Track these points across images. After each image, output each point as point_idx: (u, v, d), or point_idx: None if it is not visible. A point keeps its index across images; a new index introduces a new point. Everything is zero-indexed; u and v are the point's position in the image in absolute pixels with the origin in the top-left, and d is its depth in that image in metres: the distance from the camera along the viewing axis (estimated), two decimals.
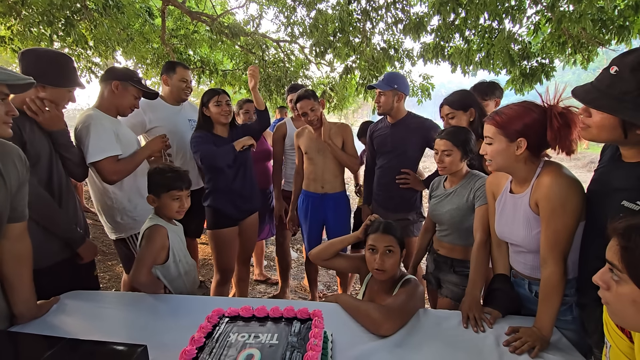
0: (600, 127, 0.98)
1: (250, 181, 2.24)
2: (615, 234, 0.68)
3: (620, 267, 0.65)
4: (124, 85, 1.81)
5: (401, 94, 2.21)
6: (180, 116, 2.43)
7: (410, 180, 2.19)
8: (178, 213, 1.54)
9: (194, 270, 1.65)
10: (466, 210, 1.61)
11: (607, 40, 3.54)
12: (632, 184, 0.98)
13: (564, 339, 1.18)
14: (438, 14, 3.70)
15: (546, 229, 1.15)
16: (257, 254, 3.28)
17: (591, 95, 0.97)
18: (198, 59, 6.44)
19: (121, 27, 4.95)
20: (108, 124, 1.78)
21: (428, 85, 5.67)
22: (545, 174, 1.18)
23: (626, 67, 0.91)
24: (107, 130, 1.74)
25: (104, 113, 1.81)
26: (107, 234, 2.05)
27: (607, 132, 0.97)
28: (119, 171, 1.76)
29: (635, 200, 0.96)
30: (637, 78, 0.89)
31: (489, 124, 1.21)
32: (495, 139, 1.19)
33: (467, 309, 1.31)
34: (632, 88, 0.90)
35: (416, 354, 1.12)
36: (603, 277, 0.71)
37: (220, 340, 1.04)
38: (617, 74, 0.93)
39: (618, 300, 0.68)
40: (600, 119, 0.96)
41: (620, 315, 0.69)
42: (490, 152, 1.22)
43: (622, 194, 0.99)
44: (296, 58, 6.43)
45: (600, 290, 0.72)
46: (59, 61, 1.54)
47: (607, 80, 0.95)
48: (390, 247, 1.39)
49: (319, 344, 1.01)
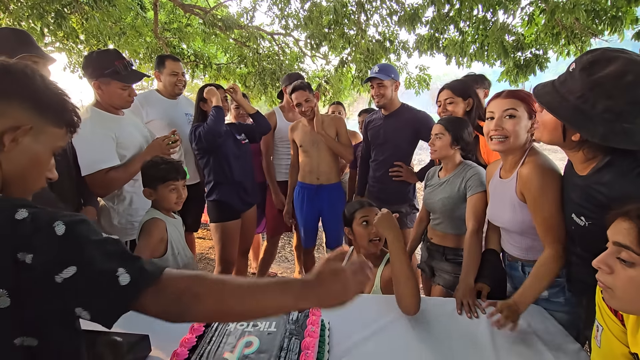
0: (543, 125, 0.98)
1: (251, 174, 2.30)
2: (627, 217, 0.66)
3: (637, 249, 0.63)
4: (104, 82, 1.67)
5: (397, 83, 2.26)
6: (177, 110, 2.42)
7: (403, 173, 2.21)
8: (177, 204, 1.55)
9: (192, 263, 1.67)
10: (458, 199, 1.64)
11: (600, 31, 3.56)
12: (577, 198, 0.99)
13: (555, 324, 1.21)
14: (433, 5, 3.70)
15: (535, 218, 1.18)
16: (254, 247, 3.30)
17: (543, 90, 0.96)
18: (192, 52, 6.38)
19: (113, 21, 4.88)
20: (105, 128, 1.66)
21: (425, 77, 5.66)
22: (526, 164, 1.21)
23: (579, 65, 0.90)
24: (101, 138, 1.63)
25: (102, 112, 1.71)
26: None
27: (549, 132, 0.97)
28: (108, 183, 1.64)
29: (580, 215, 0.97)
30: (583, 78, 0.87)
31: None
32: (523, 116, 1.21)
33: (461, 295, 1.34)
34: (577, 88, 0.88)
35: (412, 341, 1.15)
36: (607, 260, 0.69)
37: (220, 328, 1.06)
38: (572, 71, 0.91)
39: (628, 284, 0.66)
40: (544, 118, 0.97)
41: (627, 299, 0.67)
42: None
43: (573, 207, 1.01)
44: (291, 51, 6.39)
45: (600, 274, 0.70)
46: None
47: (563, 76, 0.94)
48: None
49: (317, 331, 1.04)
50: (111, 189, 1.70)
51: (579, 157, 0.98)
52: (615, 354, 0.80)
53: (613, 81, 0.84)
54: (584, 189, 0.96)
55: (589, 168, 0.96)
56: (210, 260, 3.68)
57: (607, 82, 0.84)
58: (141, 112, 2.24)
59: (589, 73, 0.87)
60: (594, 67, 0.87)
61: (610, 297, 0.70)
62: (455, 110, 1.85)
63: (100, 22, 4.49)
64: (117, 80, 1.67)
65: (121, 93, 1.71)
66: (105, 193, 1.71)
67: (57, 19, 4.05)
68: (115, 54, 1.73)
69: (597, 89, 0.85)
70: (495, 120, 1.21)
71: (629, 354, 0.77)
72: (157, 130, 2.25)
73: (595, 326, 0.87)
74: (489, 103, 1.26)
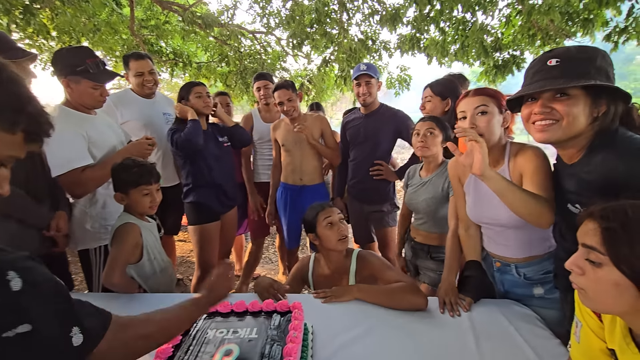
0: (569, 114, 0.92)
1: (230, 175, 2.25)
2: (592, 217, 0.67)
3: (602, 250, 0.64)
4: (74, 81, 1.59)
5: (380, 83, 2.29)
6: (154, 109, 2.33)
7: (384, 172, 2.22)
8: (151, 208, 1.49)
9: (170, 268, 1.61)
10: (441, 199, 1.64)
11: (573, 32, 3.68)
12: (571, 186, 1.00)
13: (540, 323, 1.21)
14: (414, 5, 3.73)
15: (532, 182, 1.12)
16: (236, 249, 3.24)
17: (554, 83, 0.94)
18: (170, 50, 6.22)
19: (86, 17, 4.69)
20: (74, 126, 1.58)
21: (405, 77, 5.71)
22: (522, 149, 1.21)
23: (564, 54, 0.93)
24: (71, 136, 1.56)
25: (72, 110, 1.62)
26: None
27: (577, 119, 0.92)
28: (85, 183, 1.57)
29: (575, 203, 0.97)
30: (583, 57, 0.92)
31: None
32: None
33: (443, 294, 1.34)
34: (586, 66, 0.91)
35: (395, 341, 1.14)
36: (577, 261, 0.69)
37: (198, 337, 1.02)
38: (560, 63, 0.93)
39: (597, 285, 0.66)
40: (569, 104, 0.92)
41: (598, 300, 0.68)
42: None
43: (568, 197, 1.01)
44: (273, 50, 6.32)
45: (573, 276, 0.71)
46: None
47: (555, 70, 0.94)
48: (341, 216, 1.52)
49: (299, 336, 1.01)
50: (89, 188, 1.63)
51: (577, 144, 0.97)
52: (594, 349, 0.81)
53: (603, 57, 0.91)
54: (576, 176, 0.97)
55: (579, 155, 0.97)
56: (191, 264, 3.59)
57: (604, 55, 0.91)
58: (115, 113, 2.15)
59: (585, 53, 0.92)
60: (582, 50, 0.93)
61: (584, 297, 0.70)
62: (433, 109, 1.87)
63: (72, 17, 4.30)
64: (88, 79, 1.59)
65: (92, 92, 1.63)
66: (83, 193, 1.63)
67: (25, 14, 3.86)
68: (87, 52, 1.65)
69: (601, 59, 0.91)
70: (469, 118, 1.20)
71: (606, 349, 0.78)
72: (133, 131, 2.17)
73: (575, 322, 0.88)
74: (459, 103, 1.26)
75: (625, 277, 0.62)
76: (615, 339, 0.75)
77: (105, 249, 1.68)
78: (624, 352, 0.72)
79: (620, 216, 0.63)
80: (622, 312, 0.69)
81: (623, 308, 0.66)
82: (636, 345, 0.70)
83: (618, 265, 0.62)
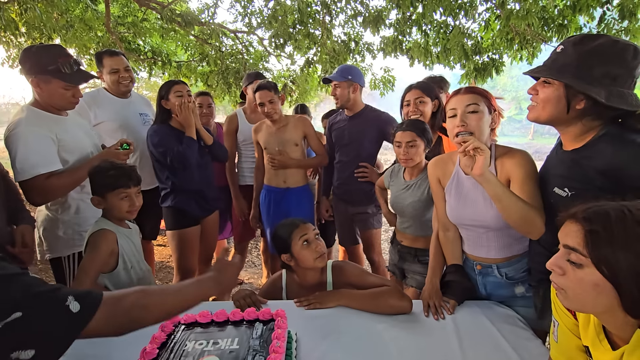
0: (544, 100, 1.01)
1: (210, 179, 2.20)
2: (575, 219, 0.68)
3: (583, 251, 0.65)
4: (44, 80, 1.48)
5: (356, 84, 2.23)
6: (130, 110, 2.23)
7: (369, 174, 2.21)
8: (129, 213, 1.42)
9: (149, 277, 1.54)
10: (427, 202, 1.64)
11: (549, 37, 3.80)
12: (562, 171, 1.03)
13: (523, 325, 1.22)
14: (397, 7, 3.76)
15: (521, 190, 1.13)
16: (218, 254, 3.17)
17: (538, 70, 1.03)
18: (149, 49, 6.04)
19: (58, 12, 4.49)
20: (43, 128, 1.49)
21: (389, 78, 5.76)
22: (509, 153, 1.23)
23: (569, 44, 0.98)
24: (39, 139, 1.46)
25: (41, 111, 1.53)
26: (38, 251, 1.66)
27: (552, 106, 1.00)
28: (48, 191, 1.46)
29: (563, 187, 1.01)
30: (577, 50, 0.96)
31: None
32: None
33: (427, 297, 1.34)
34: (572, 60, 0.96)
35: (381, 346, 1.12)
36: (558, 262, 0.70)
37: (176, 350, 0.97)
38: (561, 51, 0.99)
39: (577, 285, 0.67)
40: (547, 92, 1.01)
41: (578, 300, 0.69)
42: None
43: (556, 181, 1.04)
44: (255, 50, 6.24)
45: (553, 276, 0.72)
46: None
47: (552, 58, 1.02)
48: (316, 232, 1.44)
49: (282, 346, 0.98)
50: (50, 197, 1.52)
51: (576, 130, 1.01)
52: (571, 347, 0.83)
53: (608, 48, 0.93)
54: (574, 161, 1.01)
55: (583, 142, 1.00)
56: (171, 269, 3.48)
57: (603, 49, 0.93)
58: (88, 114, 2.04)
59: (583, 45, 0.96)
60: (585, 41, 0.96)
61: (563, 297, 0.71)
62: (425, 109, 1.85)
63: (42, 13, 4.10)
64: (60, 79, 1.49)
65: (63, 93, 1.53)
66: (43, 201, 1.53)
67: None
68: (59, 50, 1.55)
69: (594, 56, 0.94)
70: (460, 116, 1.20)
71: (582, 346, 0.80)
72: (108, 133, 2.08)
73: (552, 322, 0.89)
74: (449, 100, 1.25)
75: (604, 279, 0.63)
76: (588, 336, 0.76)
77: (79, 256, 1.59)
78: (596, 348, 0.74)
79: (603, 218, 0.64)
80: (598, 312, 0.70)
81: (601, 308, 0.67)
82: (609, 342, 0.72)
83: (599, 267, 0.63)
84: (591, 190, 0.94)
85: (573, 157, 1.01)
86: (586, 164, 0.97)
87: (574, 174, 0.99)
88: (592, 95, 0.91)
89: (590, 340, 0.76)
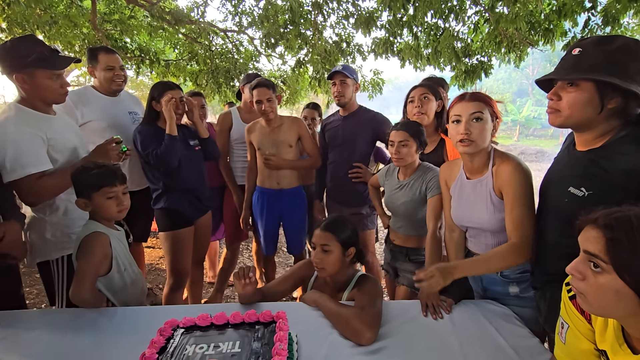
0: (573, 104, 0.97)
1: (202, 178, 2.14)
2: (596, 225, 0.67)
3: (605, 258, 0.64)
4: (28, 74, 1.42)
5: (357, 84, 2.29)
6: (119, 109, 2.17)
7: (362, 174, 2.22)
8: (120, 213, 1.37)
9: (141, 279, 1.50)
10: (419, 202, 1.66)
11: (535, 41, 3.90)
12: (578, 171, 1.02)
13: (521, 325, 1.24)
14: (388, 9, 3.79)
15: (510, 213, 1.19)
16: (210, 255, 3.12)
17: (560, 73, 0.99)
18: (136, 47, 5.91)
19: (42, 8, 4.35)
20: (32, 127, 1.44)
21: (379, 80, 5.80)
22: (504, 162, 1.24)
23: (588, 45, 0.96)
24: (29, 138, 1.42)
25: (29, 110, 1.47)
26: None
27: (582, 108, 0.96)
28: (41, 191, 1.43)
29: (580, 186, 1.00)
30: (604, 50, 0.94)
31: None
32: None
33: (425, 297, 1.35)
34: (599, 60, 0.93)
35: (382, 348, 1.12)
36: (578, 267, 0.70)
37: (176, 354, 0.95)
38: (580, 53, 0.96)
39: (598, 291, 0.67)
40: (574, 96, 0.96)
41: (598, 305, 0.69)
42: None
43: (571, 181, 1.03)
44: (245, 49, 6.19)
45: (573, 280, 0.72)
46: None
47: (572, 60, 0.98)
48: (326, 245, 1.33)
49: (285, 348, 0.97)
50: (44, 197, 1.48)
51: (599, 131, 0.98)
52: (581, 349, 0.83)
53: (634, 46, 0.92)
54: (592, 161, 0.98)
55: (600, 142, 0.99)
56: (161, 272, 3.42)
57: (630, 47, 0.92)
58: (75, 113, 1.97)
59: (606, 45, 0.93)
60: (605, 41, 0.94)
61: (583, 302, 0.71)
62: (430, 107, 1.84)
63: (26, 8, 3.97)
64: (43, 67, 1.42)
65: (51, 85, 1.47)
66: (36, 202, 1.49)
67: None
68: (34, 40, 1.49)
69: (625, 54, 0.92)
70: (464, 124, 1.22)
71: (594, 350, 0.80)
72: (96, 133, 2.01)
73: (561, 323, 0.89)
74: (453, 106, 1.27)
75: (626, 286, 0.63)
76: (606, 340, 0.76)
77: (68, 259, 1.54)
78: (616, 352, 0.73)
79: (625, 226, 0.63)
80: (619, 317, 0.70)
81: (622, 313, 0.67)
82: (628, 346, 0.72)
83: (621, 274, 0.63)
84: (609, 191, 0.93)
85: (591, 158, 0.99)
86: (607, 164, 0.95)
87: (592, 174, 0.98)
88: (634, 88, 0.89)
89: (609, 344, 0.75)
